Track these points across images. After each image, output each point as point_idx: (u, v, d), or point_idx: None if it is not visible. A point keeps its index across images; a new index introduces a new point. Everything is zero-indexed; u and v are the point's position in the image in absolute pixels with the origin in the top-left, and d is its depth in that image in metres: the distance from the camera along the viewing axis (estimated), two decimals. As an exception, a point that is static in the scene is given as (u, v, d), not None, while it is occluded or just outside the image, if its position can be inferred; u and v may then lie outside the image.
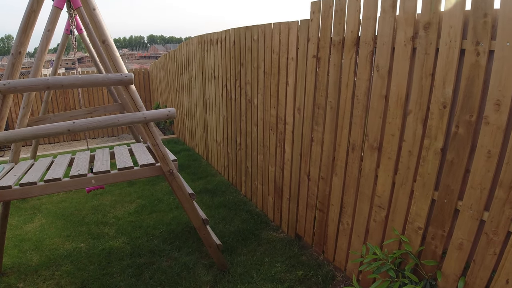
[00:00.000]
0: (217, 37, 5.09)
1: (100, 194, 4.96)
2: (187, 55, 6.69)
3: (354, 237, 2.93)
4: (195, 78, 6.26)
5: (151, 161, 2.64)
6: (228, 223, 4.06)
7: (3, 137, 2.08)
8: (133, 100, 2.41)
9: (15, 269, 3.44)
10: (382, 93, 2.45)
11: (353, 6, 2.58)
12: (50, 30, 3.01)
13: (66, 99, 10.64)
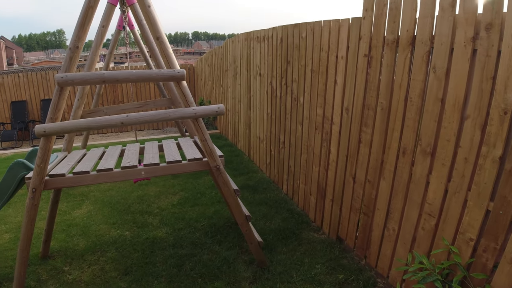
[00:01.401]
0: (263, 35, 5.08)
1: (145, 185, 5.11)
2: (233, 52, 6.74)
3: (399, 244, 2.83)
4: (240, 75, 6.30)
5: (199, 156, 2.68)
6: (269, 221, 4.05)
7: (60, 127, 2.18)
8: (184, 96, 2.45)
9: (61, 253, 3.62)
10: (438, 96, 2.35)
11: (409, 4, 2.48)
12: (105, 26, 3.12)
13: (115, 92, 11.04)
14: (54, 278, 3.22)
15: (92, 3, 2.41)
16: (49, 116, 2.25)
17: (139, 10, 3.21)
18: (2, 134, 10.63)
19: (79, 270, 3.32)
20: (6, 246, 3.84)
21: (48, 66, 18.28)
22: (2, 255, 3.66)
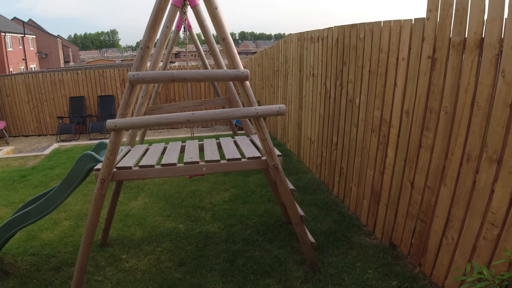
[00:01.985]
0: (318, 35, 5.06)
1: (197, 181, 5.25)
2: (285, 52, 6.76)
3: (458, 253, 2.73)
4: (292, 75, 6.30)
5: (257, 154, 2.73)
6: (320, 222, 4.04)
7: (130, 122, 2.30)
8: (247, 95, 2.51)
9: (119, 241, 3.81)
10: (507, 101, 2.24)
11: (477, 6, 2.39)
12: (169, 26, 3.24)
13: (168, 90, 11.40)
14: (112, 265, 3.40)
15: (162, 6, 2.52)
16: (120, 112, 2.39)
17: (201, 12, 3.31)
18: (61, 127, 11.30)
19: (135, 258, 3.47)
20: (66, 232, 4.09)
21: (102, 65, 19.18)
22: (62, 241, 3.91)
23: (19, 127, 12.35)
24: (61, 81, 11.76)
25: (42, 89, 11.88)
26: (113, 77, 11.61)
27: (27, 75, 12.07)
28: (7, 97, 12.14)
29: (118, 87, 11.66)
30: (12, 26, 36.59)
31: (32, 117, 12.14)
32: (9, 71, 30.91)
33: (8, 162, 7.29)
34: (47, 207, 2.88)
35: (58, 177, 5.99)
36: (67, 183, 2.80)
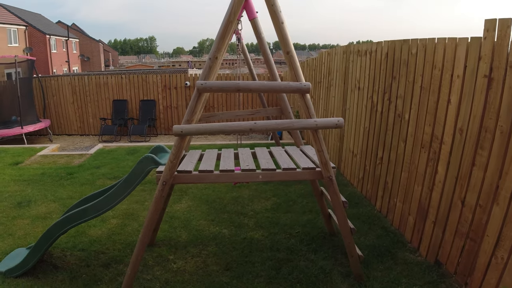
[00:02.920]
0: (365, 48, 5.07)
1: (238, 187, 5.34)
2: (328, 64, 6.79)
3: (507, 273, 2.67)
4: (335, 88, 6.32)
5: (311, 165, 2.78)
6: (363, 236, 4.02)
7: (196, 128, 2.40)
8: (307, 107, 2.57)
9: (166, 242, 3.92)
10: None
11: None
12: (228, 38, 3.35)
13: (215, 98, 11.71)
14: (160, 265, 3.51)
15: (231, 18, 2.63)
16: (186, 118, 2.49)
17: (259, 25, 3.42)
18: (103, 128, 11.72)
19: (182, 260, 3.57)
20: (114, 230, 4.24)
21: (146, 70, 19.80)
22: (110, 238, 4.06)
23: (62, 126, 12.90)
24: (106, 84, 12.22)
25: (87, 91, 12.38)
26: (155, 83, 11.96)
27: (73, 76, 12.61)
28: (53, 97, 12.72)
29: (160, 92, 11.99)
30: (57, 29, 38.34)
31: (76, 117, 12.65)
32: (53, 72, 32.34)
33: (55, 159, 7.63)
34: (105, 205, 3.02)
35: (104, 176, 6.22)
36: (127, 184, 2.93)
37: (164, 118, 12.16)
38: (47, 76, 13.90)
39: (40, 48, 32.59)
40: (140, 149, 8.13)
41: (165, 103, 12.08)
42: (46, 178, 6.24)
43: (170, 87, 11.92)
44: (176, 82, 11.87)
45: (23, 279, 3.33)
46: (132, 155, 7.65)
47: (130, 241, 3.97)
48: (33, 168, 7.00)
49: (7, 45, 27.29)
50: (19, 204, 5.10)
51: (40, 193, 5.52)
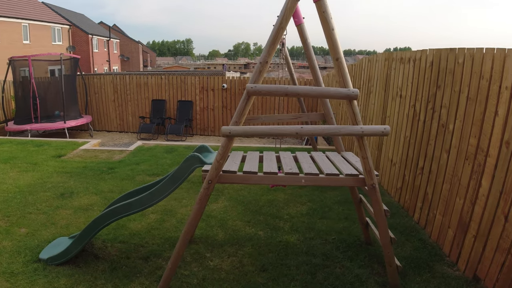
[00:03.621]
0: (409, 56, 5.00)
1: (274, 191, 5.38)
2: (368, 71, 6.72)
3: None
4: (375, 95, 6.26)
5: (354, 172, 2.78)
6: (400, 247, 3.96)
7: (243, 130, 2.46)
8: (354, 114, 2.58)
9: (203, 240, 4.00)
10: None
11: None
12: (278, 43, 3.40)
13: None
14: (197, 262, 3.59)
15: (283, 24, 2.69)
16: (234, 120, 2.56)
17: (305, 30, 3.45)
18: (142, 127, 12.08)
19: (219, 258, 3.64)
20: (153, 225, 4.37)
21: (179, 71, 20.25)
22: (149, 233, 4.19)
23: (103, 122, 13.39)
24: (146, 84, 12.60)
25: (128, 90, 12.79)
26: (193, 84, 12.22)
27: (115, 75, 13.07)
28: (95, 94, 13.23)
29: (197, 94, 12.24)
30: (99, 30, 39.77)
31: (116, 114, 13.11)
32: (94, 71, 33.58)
33: (96, 154, 7.93)
34: (150, 200, 3.14)
35: (144, 172, 6.41)
36: (173, 180, 3.03)
37: (201, 119, 12.38)
38: (90, 74, 14.49)
39: (82, 47, 33.92)
40: (177, 148, 8.31)
41: (202, 105, 12.31)
42: (88, 172, 6.50)
43: (208, 89, 12.14)
44: (214, 84, 12.08)
45: (65, 267, 3.48)
46: (170, 153, 7.84)
47: (168, 237, 4.08)
48: (75, 161, 7.31)
49: (51, 43, 28.56)
50: (62, 195, 5.34)
51: (82, 186, 5.75)
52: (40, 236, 4.11)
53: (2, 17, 22.74)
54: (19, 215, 4.67)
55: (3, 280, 3.28)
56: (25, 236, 4.11)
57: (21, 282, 3.25)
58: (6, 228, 4.28)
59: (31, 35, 25.85)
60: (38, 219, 4.54)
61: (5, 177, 6.23)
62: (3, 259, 3.61)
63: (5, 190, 5.58)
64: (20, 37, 24.79)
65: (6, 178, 6.17)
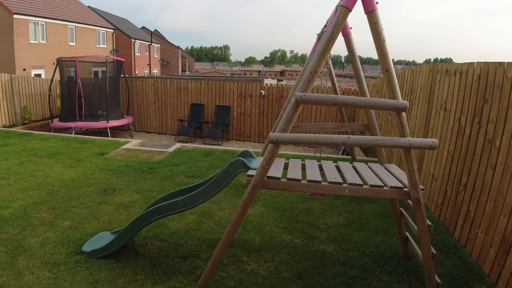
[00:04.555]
0: (455, 68, 4.89)
1: (310, 199, 5.37)
2: (411, 82, 6.62)
3: None
4: (418, 107, 6.15)
5: (399, 184, 2.76)
6: (438, 265, 3.86)
7: (290, 138, 2.51)
8: (402, 126, 2.57)
9: (240, 244, 4.06)
10: None
11: None
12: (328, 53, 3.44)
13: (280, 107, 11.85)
14: (234, 265, 3.65)
15: (334, 35, 2.72)
16: (282, 127, 2.61)
17: (352, 40, 3.47)
18: (180, 129, 12.38)
19: (256, 263, 3.68)
20: (191, 226, 4.47)
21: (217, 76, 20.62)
22: (188, 233, 4.29)
23: (143, 123, 13.81)
24: (185, 88, 12.91)
25: (168, 93, 13.15)
26: (231, 90, 12.41)
27: (156, 79, 13.47)
28: (136, 96, 13.68)
29: (235, 99, 12.41)
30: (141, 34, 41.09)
31: (156, 116, 13.50)
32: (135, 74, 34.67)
33: (137, 154, 8.19)
34: (194, 201, 3.23)
35: (182, 174, 6.57)
36: (217, 183, 3.12)
37: (237, 124, 12.54)
38: (133, 76, 15.00)
39: (125, 51, 35.16)
40: (214, 152, 8.45)
41: (239, 110, 12.46)
42: (129, 170, 6.73)
43: (245, 95, 12.29)
44: (251, 91, 12.21)
45: (106, 261, 3.62)
46: (207, 156, 7.99)
47: (206, 238, 4.17)
48: (117, 159, 7.58)
49: (95, 45, 29.79)
50: (105, 191, 5.56)
51: (124, 183, 5.96)
52: (83, 229, 4.30)
53: (51, 19, 23.98)
54: (63, 208, 4.90)
55: (46, 270, 3.45)
56: (69, 228, 4.31)
57: (63, 273, 3.41)
58: (50, 220, 4.51)
59: (77, 37, 27.09)
60: (81, 213, 4.75)
61: (50, 171, 6.56)
62: (47, 249, 3.80)
63: (50, 184, 5.87)
64: (66, 38, 26.04)
65: (52, 172, 6.50)
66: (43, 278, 3.33)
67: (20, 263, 3.54)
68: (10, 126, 11.86)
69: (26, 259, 3.62)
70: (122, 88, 13.55)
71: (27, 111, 12.60)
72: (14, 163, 7.08)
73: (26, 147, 8.57)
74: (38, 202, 5.09)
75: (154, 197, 5.39)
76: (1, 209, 4.77)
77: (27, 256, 3.67)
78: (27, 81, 12.84)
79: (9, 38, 20.76)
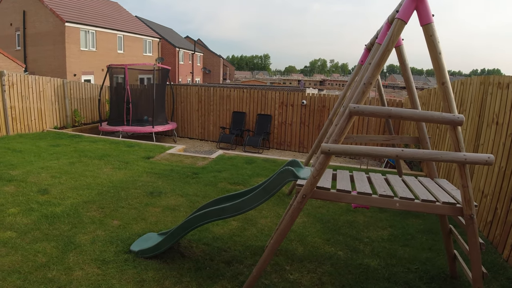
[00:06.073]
0: (508, 81, 4.71)
1: (353, 212, 5.32)
2: (461, 95, 6.42)
3: None
4: (467, 120, 5.95)
5: (451, 200, 2.70)
6: (485, 285, 3.70)
7: (343, 149, 2.53)
8: (457, 140, 2.53)
9: (282, 252, 4.08)
10: None
11: None
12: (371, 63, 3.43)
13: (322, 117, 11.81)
14: (277, 273, 3.67)
15: (389, 47, 2.74)
16: (334, 138, 2.64)
17: (404, 52, 3.45)
18: (222, 136, 12.60)
19: (299, 272, 3.69)
20: (235, 232, 4.54)
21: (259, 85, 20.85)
22: (231, 239, 4.36)
23: (186, 130, 14.17)
24: (228, 96, 13.15)
25: (211, 101, 13.45)
26: (273, 99, 12.51)
27: (200, 87, 13.82)
28: (180, 103, 14.07)
29: (277, 108, 12.50)
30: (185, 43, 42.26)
31: (199, 123, 13.83)
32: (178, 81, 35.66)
33: (181, 159, 8.41)
34: (242, 208, 3.30)
35: (225, 180, 6.69)
36: (265, 191, 3.18)
37: (278, 133, 12.60)
38: (178, 84, 15.46)
39: (169, 59, 36.27)
40: (256, 160, 8.54)
41: (280, 119, 12.52)
42: (174, 174, 6.93)
43: (287, 104, 12.34)
44: (293, 100, 12.25)
45: (153, 261, 3.75)
46: (249, 164, 8.08)
47: (249, 245, 4.22)
48: (162, 163, 7.83)
49: (142, 53, 30.93)
50: (151, 194, 5.76)
51: (169, 187, 6.15)
52: (131, 229, 4.48)
53: (101, 27, 25.17)
54: (112, 208, 5.12)
55: (95, 267, 3.61)
56: (117, 227, 4.50)
57: (111, 270, 3.56)
58: (100, 219, 4.73)
59: (125, 45, 28.25)
60: (129, 214, 4.95)
61: (99, 172, 6.87)
62: (96, 247, 3.99)
63: (99, 184, 6.16)
64: (115, 46, 27.22)
65: (101, 173, 6.81)
66: (92, 274, 3.49)
67: (71, 259, 3.73)
68: (61, 128, 12.53)
69: (76, 255, 3.81)
70: (167, 95, 14.00)
71: (77, 114, 13.27)
72: (65, 163, 7.48)
73: (77, 148, 9.03)
74: (89, 201, 5.35)
75: (198, 201, 5.52)
76: (53, 206, 5.06)
77: (77, 252, 3.87)
78: (77, 86, 13.55)
79: (61, 45, 21.98)
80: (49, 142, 9.79)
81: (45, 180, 6.25)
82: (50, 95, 12.22)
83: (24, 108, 11.17)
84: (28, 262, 3.62)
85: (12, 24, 23.89)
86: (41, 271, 3.49)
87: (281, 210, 5.28)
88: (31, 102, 11.45)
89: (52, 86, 12.33)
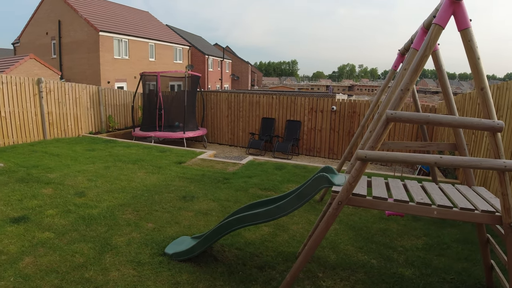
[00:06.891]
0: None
1: (386, 220, 5.25)
2: (497, 99, 6.23)
3: None
4: (506, 125, 5.77)
5: (491, 208, 2.64)
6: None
7: (379, 156, 2.53)
8: (497, 147, 2.49)
9: (315, 259, 4.06)
10: None
11: None
12: (406, 69, 3.42)
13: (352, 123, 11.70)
14: (310, 280, 3.67)
15: (427, 53, 2.72)
16: (371, 145, 2.64)
17: (440, 57, 3.41)
18: (251, 142, 12.70)
19: (331, 280, 3.68)
20: (266, 237, 4.57)
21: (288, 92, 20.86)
22: (263, 244, 4.38)
23: (215, 135, 14.36)
24: (257, 102, 13.25)
25: (241, 107, 13.59)
26: (302, 105, 12.51)
27: (230, 93, 13.99)
28: (211, 109, 14.28)
29: (306, 114, 12.48)
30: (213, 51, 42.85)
31: (228, 129, 13.99)
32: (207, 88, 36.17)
33: (212, 164, 8.53)
34: (276, 213, 3.33)
35: (256, 186, 6.74)
36: (299, 197, 3.20)
37: (307, 139, 12.57)
38: (208, 91, 15.71)
39: (199, 66, 36.87)
40: (286, 166, 8.55)
41: (309, 125, 12.50)
42: (206, 179, 7.04)
43: (317, 110, 12.31)
44: (323, 106, 12.20)
45: (187, 264, 3.82)
46: (279, 170, 8.11)
47: (281, 251, 4.24)
48: (194, 168, 7.97)
49: (172, 61, 31.57)
50: (184, 198, 5.87)
51: (201, 191, 6.26)
52: (165, 232, 4.58)
53: (133, 36, 25.89)
54: (146, 211, 5.26)
55: (131, 268, 3.72)
56: (152, 230, 4.62)
57: (146, 272, 3.66)
58: (135, 221, 4.86)
59: (156, 53, 28.93)
60: (163, 217, 5.07)
61: (134, 176, 7.07)
62: (132, 249, 4.10)
63: (134, 188, 6.33)
64: (147, 54, 27.92)
65: (135, 178, 7.00)
66: (128, 275, 3.60)
67: (107, 260, 3.86)
68: (95, 133, 12.97)
69: (112, 256, 3.94)
70: (197, 101, 14.25)
71: (111, 120, 13.69)
72: (101, 167, 7.74)
73: (111, 153, 9.32)
74: (124, 204, 5.52)
75: (230, 206, 5.59)
76: (90, 209, 5.25)
77: (113, 253, 3.99)
78: (112, 93, 14.00)
79: (96, 53, 22.76)
80: (84, 147, 10.15)
81: (81, 183, 6.48)
82: (85, 102, 12.69)
83: (60, 114, 11.65)
84: (66, 262, 3.77)
85: (48, 33, 24.93)
86: (78, 271, 3.62)
87: (313, 217, 5.27)
88: (67, 108, 11.92)
89: (88, 93, 12.80)
